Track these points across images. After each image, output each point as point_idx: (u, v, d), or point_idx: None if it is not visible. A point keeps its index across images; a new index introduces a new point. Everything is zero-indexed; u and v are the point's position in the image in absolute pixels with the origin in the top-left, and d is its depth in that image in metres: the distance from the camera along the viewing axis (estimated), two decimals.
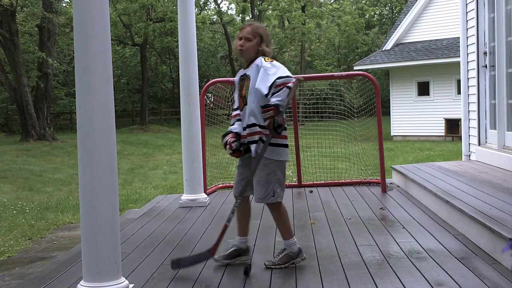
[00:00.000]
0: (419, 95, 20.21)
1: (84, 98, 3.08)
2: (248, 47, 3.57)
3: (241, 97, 3.63)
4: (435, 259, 3.65)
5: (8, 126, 27.90)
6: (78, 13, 3.07)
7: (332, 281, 3.31)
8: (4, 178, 12.37)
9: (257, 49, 3.57)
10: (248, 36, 3.56)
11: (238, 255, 3.72)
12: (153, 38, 30.96)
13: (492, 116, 6.94)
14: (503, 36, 6.46)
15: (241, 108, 3.63)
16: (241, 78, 3.66)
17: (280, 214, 3.65)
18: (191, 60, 6.05)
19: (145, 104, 30.32)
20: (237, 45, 3.60)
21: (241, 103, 3.63)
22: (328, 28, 37.54)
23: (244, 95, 3.59)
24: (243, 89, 3.61)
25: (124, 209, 7.61)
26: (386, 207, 5.50)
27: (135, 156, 17.46)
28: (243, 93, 3.60)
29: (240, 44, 3.58)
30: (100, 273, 3.08)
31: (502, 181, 5.44)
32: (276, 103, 3.38)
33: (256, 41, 3.56)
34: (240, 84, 3.65)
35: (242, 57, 3.67)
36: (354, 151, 8.06)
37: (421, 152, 15.07)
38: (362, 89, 8.37)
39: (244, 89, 3.59)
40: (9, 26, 21.16)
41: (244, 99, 3.59)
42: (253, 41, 3.56)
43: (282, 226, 3.67)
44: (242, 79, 3.65)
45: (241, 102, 3.63)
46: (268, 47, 3.61)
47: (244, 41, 3.57)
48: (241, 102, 3.63)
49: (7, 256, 5.73)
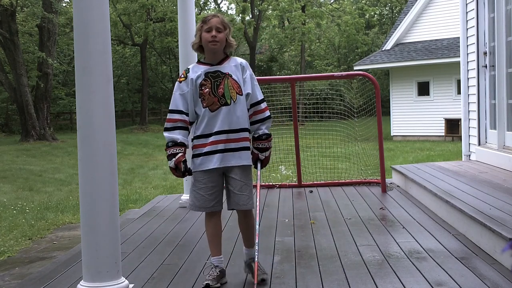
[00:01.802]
0: (419, 95, 20.22)
1: (84, 98, 3.08)
2: (221, 38, 3.28)
3: (215, 96, 3.25)
4: (435, 259, 3.65)
5: (8, 126, 27.92)
6: (78, 13, 3.07)
7: (332, 281, 3.31)
8: (4, 178, 12.37)
9: (226, 41, 3.32)
10: (220, 26, 3.28)
11: (222, 276, 3.38)
12: (153, 38, 30.97)
13: (492, 116, 6.94)
14: (503, 36, 6.46)
15: (213, 108, 3.25)
16: (214, 75, 3.29)
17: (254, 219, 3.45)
18: (191, 60, 6.02)
19: (145, 104, 30.33)
20: (208, 36, 3.26)
21: (216, 102, 3.25)
22: (328, 28, 37.51)
23: (223, 94, 3.26)
24: (219, 88, 3.26)
25: (124, 209, 7.61)
26: (386, 207, 5.50)
27: (135, 156, 17.46)
28: (220, 92, 3.26)
29: (213, 35, 3.25)
30: (100, 273, 3.08)
31: (502, 181, 5.44)
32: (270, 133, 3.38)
33: (226, 32, 3.31)
34: (214, 82, 3.27)
35: (212, 51, 3.30)
36: (354, 151, 8.07)
37: (421, 152, 15.07)
38: (362, 89, 8.39)
39: (223, 87, 3.27)
40: (9, 26, 21.18)
41: (221, 99, 3.26)
42: (224, 32, 3.30)
43: (254, 232, 3.43)
44: (215, 76, 3.29)
45: (217, 101, 3.25)
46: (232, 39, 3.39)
47: (216, 32, 3.27)
48: (216, 102, 3.25)
49: (7, 256, 5.72)
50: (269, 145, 3.40)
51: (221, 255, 3.43)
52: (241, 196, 3.31)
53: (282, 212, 5.43)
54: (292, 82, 7.03)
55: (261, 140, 3.38)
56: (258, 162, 3.43)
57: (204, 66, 3.35)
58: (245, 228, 3.45)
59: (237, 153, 3.29)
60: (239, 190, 3.31)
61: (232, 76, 3.30)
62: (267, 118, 3.39)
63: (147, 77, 31.38)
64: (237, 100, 3.28)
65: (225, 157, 3.28)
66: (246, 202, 3.33)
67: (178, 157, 3.25)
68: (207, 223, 3.43)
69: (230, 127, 3.27)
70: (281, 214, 5.30)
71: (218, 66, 3.33)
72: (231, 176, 3.32)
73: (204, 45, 3.32)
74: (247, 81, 3.35)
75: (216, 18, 3.32)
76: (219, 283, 3.31)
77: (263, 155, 3.41)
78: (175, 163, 3.25)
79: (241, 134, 3.31)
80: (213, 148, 3.27)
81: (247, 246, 3.47)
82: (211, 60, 3.35)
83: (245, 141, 3.33)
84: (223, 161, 3.28)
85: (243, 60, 3.43)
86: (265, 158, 3.43)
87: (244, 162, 3.32)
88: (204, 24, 3.30)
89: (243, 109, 3.31)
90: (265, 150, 3.40)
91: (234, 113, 3.27)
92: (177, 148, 3.26)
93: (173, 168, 3.28)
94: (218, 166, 3.27)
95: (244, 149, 3.33)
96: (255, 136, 3.39)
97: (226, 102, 3.26)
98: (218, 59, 3.35)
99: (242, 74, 3.35)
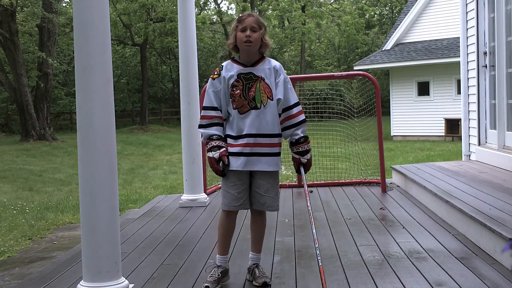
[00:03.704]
0: (419, 95, 20.22)
1: (84, 98, 3.08)
2: (256, 38, 3.18)
3: (246, 99, 3.20)
4: (435, 259, 3.65)
5: (8, 126, 27.91)
6: (78, 13, 3.07)
7: (332, 281, 3.31)
8: (4, 178, 12.37)
9: (262, 41, 3.23)
10: (254, 25, 3.19)
11: (225, 276, 3.37)
12: (153, 38, 30.98)
13: (492, 116, 6.94)
14: (503, 36, 6.46)
15: (243, 111, 3.21)
16: (247, 77, 3.23)
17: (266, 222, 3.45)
18: (191, 60, 6.05)
19: (145, 104, 30.34)
20: (242, 36, 3.18)
21: (246, 105, 3.20)
22: (328, 28, 37.56)
23: (253, 97, 3.21)
24: (251, 90, 3.21)
25: (124, 209, 7.61)
26: (386, 207, 5.50)
27: (135, 156, 17.46)
28: (251, 95, 3.20)
29: (247, 35, 3.17)
30: (100, 273, 3.08)
31: (502, 181, 5.44)
32: (307, 136, 3.32)
33: (261, 31, 3.22)
34: (245, 84, 3.22)
35: (247, 51, 3.23)
36: (354, 151, 8.07)
37: (421, 152, 15.07)
38: (362, 89, 8.39)
39: (254, 90, 3.21)
40: (9, 26, 21.18)
41: (252, 102, 3.20)
42: (259, 31, 3.20)
43: (263, 235, 3.43)
44: (248, 78, 3.23)
45: (246, 104, 3.20)
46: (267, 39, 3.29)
47: (250, 32, 3.18)
48: (246, 105, 3.20)
49: (7, 256, 5.72)
50: (308, 147, 3.34)
51: (227, 255, 3.41)
52: (267, 198, 3.29)
53: (282, 212, 5.42)
54: (292, 82, 7.02)
55: (299, 144, 3.32)
56: (301, 167, 3.39)
57: (238, 65, 3.27)
58: (257, 230, 3.41)
59: (264, 158, 3.24)
60: (265, 192, 3.28)
61: (265, 80, 3.23)
62: (301, 122, 3.32)
63: (147, 77, 31.38)
64: (267, 104, 3.22)
65: (250, 161, 3.22)
66: (271, 204, 3.31)
67: (222, 150, 3.20)
68: (223, 221, 3.36)
69: (258, 131, 3.22)
70: (281, 214, 5.30)
71: (252, 67, 3.25)
72: (257, 179, 3.29)
73: (239, 45, 3.24)
74: (280, 85, 3.27)
75: (252, 17, 3.24)
76: (220, 284, 3.28)
77: (305, 159, 3.35)
78: (219, 155, 3.19)
79: (270, 140, 3.25)
80: (240, 150, 3.23)
81: (254, 251, 3.43)
82: (245, 61, 3.27)
83: (273, 146, 3.27)
84: (248, 165, 3.23)
85: (278, 63, 3.34)
86: (307, 161, 3.37)
87: (270, 168, 3.27)
88: (239, 23, 3.23)
89: (273, 114, 3.25)
90: (305, 153, 3.34)
91: (263, 118, 3.22)
92: (221, 142, 3.23)
93: (216, 160, 3.20)
94: (242, 169, 3.23)
95: (271, 155, 3.27)
96: (293, 141, 3.33)
97: (256, 106, 3.21)
98: (253, 60, 3.27)
99: (275, 77, 3.27)
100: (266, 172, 3.27)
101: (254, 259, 3.41)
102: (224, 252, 3.38)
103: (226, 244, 3.39)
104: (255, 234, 3.43)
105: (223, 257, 3.38)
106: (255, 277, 3.31)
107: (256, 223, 3.42)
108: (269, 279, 3.32)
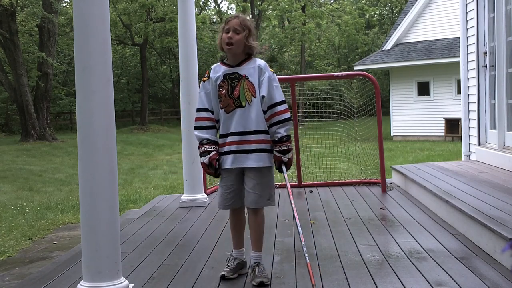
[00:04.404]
0: (419, 95, 20.23)
1: (84, 98, 3.08)
2: (237, 40, 3.28)
3: (231, 98, 3.29)
4: (435, 259, 3.65)
5: (8, 126, 27.91)
6: (78, 13, 3.07)
7: (332, 281, 3.31)
8: (4, 178, 12.38)
9: (245, 43, 3.30)
10: (237, 28, 3.28)
11: (242, 267, 3.51)
12: (153, 38, 30.98)
13: (492, 116, 6.94)
14: (503, 36, 6.46)
15: (228, 110, 3.31)
16: (232, 77, 3.32)
17: (263, 222, 3.47)
18: (191, 60, 6.05)
19: (145, 104, 30.34)
20: (224, 37, 3.29)
21: (231, 104, 3.29)
22: (328, 28, 37.55)
23: (238, 96, 3.29)
24: (235, 90, 3.29)
25: (124, 209, 7.61)
26: (386, 207, 5.50)
27: (135, 156, 17.46)
28: (235, 94, 3.29)
29: (228, 37, 3.27)
30: (100, 273, 3.08)
31: (502, 181, 5.44)
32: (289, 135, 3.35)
33: (244, 34, 3.30)
34: (230, 84, 3.31)
35: (229, 52, 3.32)
36: (354, 151, 8.07)
37: (421, 152, 15.07)
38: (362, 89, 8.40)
39: (239, 89, 3.29)
40: (9, 26, 21.18)
41: (237, 101, 3.29)
42: (242, 34, 3.29)
43: (262, 236, 3.46)
44: (233, 77, 3.31)
45: (232, 103, 3.29)
46: (254, 41, 3.36)
47: (232, 33, 3.28)
48: (231, 104, 3.29)
49: (7, 256, 5.73)
50: (289, 146, 3.37)
51: (242, 248, 3.52)
52: (251, 194, 3.35)
53: (282, 212, 5.43)
54: (292, 82, 7.04)
55: (281, 143, 3.34)
56: (282, 165, 3.41)
57: (224, 66, 3.38)
58: (252, 227, 3.45)
59: (252, 154, 3.30)
60: (251, 188, 3.34)
61: (248, 78, 3.30)
62: (285, 120, 3.34)
63: (147, 77, 31.38)
64: (252, 102, 3.29)
65: (238, 158, 3.31)
66: (256, 200, 3.35)
67: (212, 154, 3.32)
68: (230, 218, 3.56)
69: (244, 129, 3.30)
70: (281, 214, 5.30)
71: (237, 67, 3.34)
72: (247, 175, 3.37)
73: (223, 46, 3.34)
74: (264, 83, 3.32)
75: (236, 19, 3.33)
76: (237, 273, 3.43)
77: (286, 157, 3.37)
78: (209, 160, 3.31)
79: (256, 136, 3.31)
80: (228, 148, 3.33)
81: (253, 249, 3.46)
82: (231, 61, 3.38)
83: (260, 143, 3.32)
84: (236, 162, 3.32)
85: (263, 61, 3.40)
86: (288, 160, 3.39)
87: (257, 164, 3.32)
88: (225, 24, 3.34)
89: (258, 111, 3.30)
90: (287, 152, 3.36)
91: (248, 115, 3.29)
92: (211, 146, 3.34)
93: (206, 165, 3.34)
94: (230, 166, 3.32)
95: (260, 151, 3.32)
96: (275, 140, 3.35)
97: (241, 104, 3.29)
98: (238, 61, 3.35)
99: (260, 76, 3.32)
100: (254, 169, 3.34)
101: (255, 258, 3.44)
102: (237, 246, 3.53)
103: (237, 238, 3.53)
104: (251, 232, 3.48)
105: (237, 251, 3.52)
106: (254, 276, 3.33)
107: (250, 221, 3.47)
108: (267, 279, 3.33)
